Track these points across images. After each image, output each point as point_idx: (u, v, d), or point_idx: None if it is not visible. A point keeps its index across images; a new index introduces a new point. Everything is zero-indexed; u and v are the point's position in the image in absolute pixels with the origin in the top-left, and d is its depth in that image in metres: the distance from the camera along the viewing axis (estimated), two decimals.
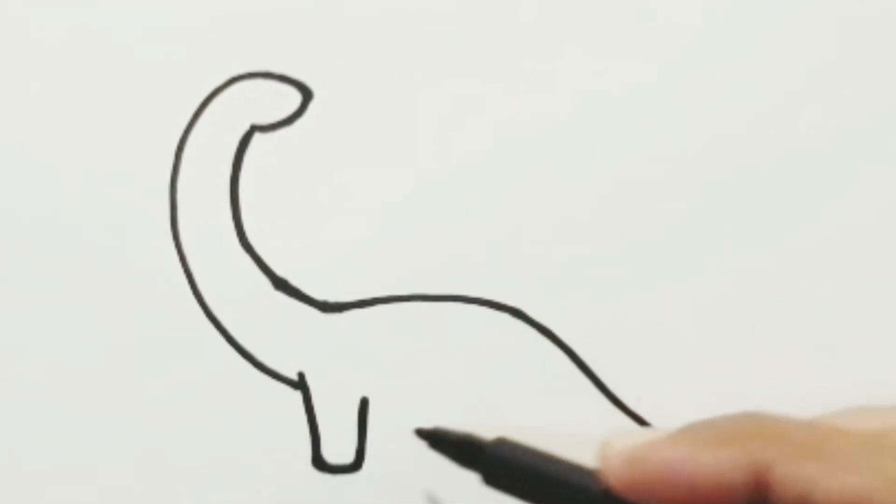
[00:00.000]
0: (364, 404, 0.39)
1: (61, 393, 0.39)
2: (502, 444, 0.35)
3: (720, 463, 0.29)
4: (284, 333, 0.39)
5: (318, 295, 0.39)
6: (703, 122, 0.40)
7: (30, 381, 0.39)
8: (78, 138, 0.39)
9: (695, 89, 0.40)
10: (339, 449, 0.39)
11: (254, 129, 0.39)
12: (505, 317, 0.40)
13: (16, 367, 0.39)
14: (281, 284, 0.39)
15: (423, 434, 0.38)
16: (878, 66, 0.41)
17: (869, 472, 0.28)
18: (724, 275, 0.40)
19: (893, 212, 0.40)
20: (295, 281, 0.39)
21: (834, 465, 0.28)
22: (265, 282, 0.39)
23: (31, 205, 0.39)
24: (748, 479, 0.29)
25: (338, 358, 0.39)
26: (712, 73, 0.40)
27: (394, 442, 0.39)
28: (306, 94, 0.40)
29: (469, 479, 0.39)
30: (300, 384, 0.39)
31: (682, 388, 0.40)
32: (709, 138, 0.40)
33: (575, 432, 0.39)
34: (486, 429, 0.38)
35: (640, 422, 0.39)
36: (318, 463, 0.39)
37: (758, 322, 0.40)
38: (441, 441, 0.37)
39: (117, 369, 0.39)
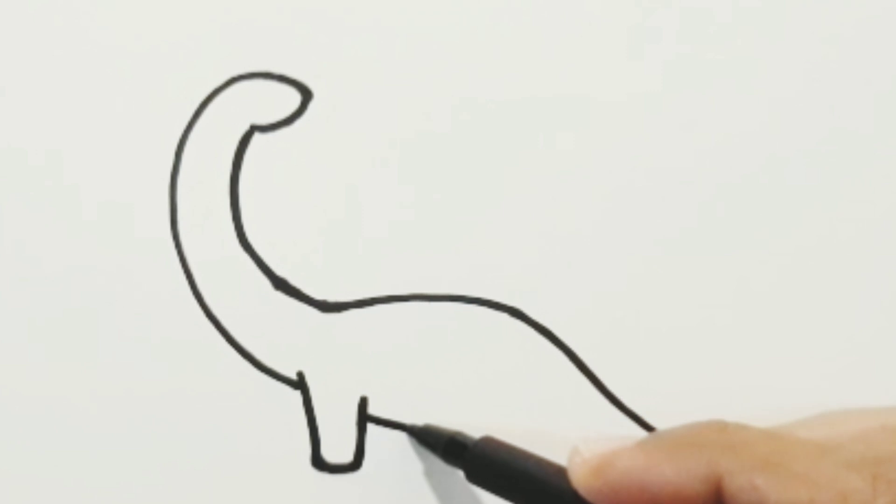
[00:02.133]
0: (363, 404, 0.39)
1: (61, 393, 0.39)
2: (485, 443, 0.36)
3: (680, 472, 0.29)
4: (284, 333, 0.39)
5: (318, 295, 0.39)
6: (705, 124, 0.40)
7: (30, 381, 0.39)
8: (78, 138, 0.39)
9: (697, 92, 0.40)
10: (338, 448, 0.39)
11: (254, 129, 0.39)
12: (504, 317, 0.40)
13: (15, 368, 0.39)
14: (281, 284, 0.39)
15: (412, 431, 0.38)
16: (878, 66, 0.41)
17: (818, 484, 0.28)
18: (724, 274, 0.40)
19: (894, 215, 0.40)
20: (295, 281, 0.39)
21: (786, 478, 0.28)
22: (265, 282, 0.39)
23: (31, 205, 0.39)
24: (706, 489, 0.29)
25: (337, 358, 0.39)
26: (715, 76, 0.40)
27: (393, 441, 0.39)
28: (306, 94, 0.40)
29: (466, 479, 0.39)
30: (300, 384, 0.39)
31: (681, 387, 0.40)
32: (710, 139, 0.40)
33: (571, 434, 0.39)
34: (489, 430, 0.38)
35: (639, 421, 0.39)
36: (318, 462, 0.39)
37: (757, 322, 0.40)
38: (429, 438, 0.38)
39: (117, 369, 0.39)
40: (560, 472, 0.33)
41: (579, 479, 0.31)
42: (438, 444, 0.38)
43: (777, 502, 0.28)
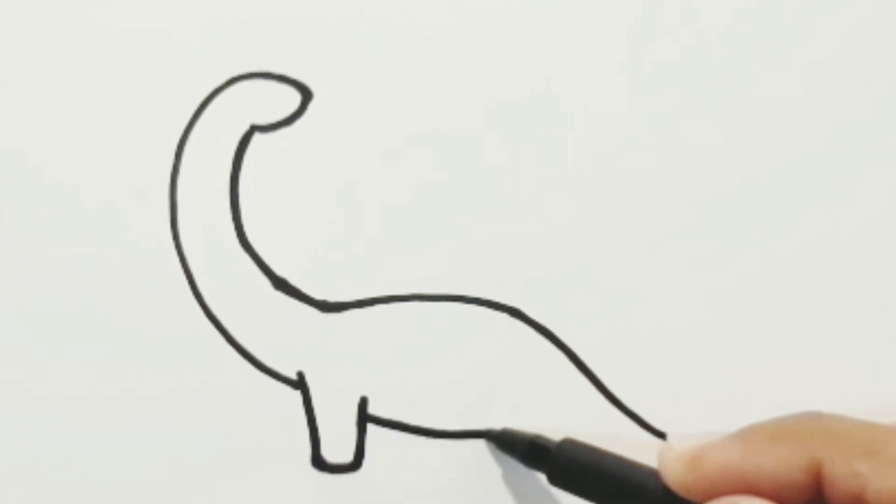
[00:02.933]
0: (363, 404, 0.39)
1: (61, 392, 0.39)
2: (568, 445, 0.36)
3: (778, 461, 0.29)
4: (284, 333, 0.39)
5: (318, 295, 0.39)
6: (705, 124, 0.40)
7: (30, 381, 0.39)
8: (78, 138, 0.39)
9: (697, 92, 0.40)
10: (338, 448, 0.39)
11: (254, 129, 0.39)
12: (504, 316, 0.40)
13: (15, 368, 0.39)
14: (281, 284, 0.39)
15: (491, 436, 0.38)
16: (878, 66, 0.41)
17: None
18: (723, 274, 0.40)
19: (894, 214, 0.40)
20: (295, 281, 0.39)
21: (888, 465, 0.28)
22: (265, 282, 0.39)
23: (31, 205, 0.39)
24: (806, 477, 0.29)
25: (337, 358, 0.39)
26: (715, 75, 0.40)
27: (393, 441, 0.39)
28: (306, 94, 0.40)
29: (469, 478, 0.39)
30: (300, 384, 0.39)
31: (681, 387, 0.40)
32: (710, 139, 0.40)
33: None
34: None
35: (639, 421, 0.39)
36: (318, 462, 0.39)
37: (757, 321, 0.40)
38: (509, 442, 0.38)
39: (117, 369, 0.39)
40: (647, 472, 0.33)
41: (673, 473, 0.31)
42: (519, 447, 0.38)
43: (879, 488, 0.28)
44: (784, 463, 0.29)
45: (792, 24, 0.41)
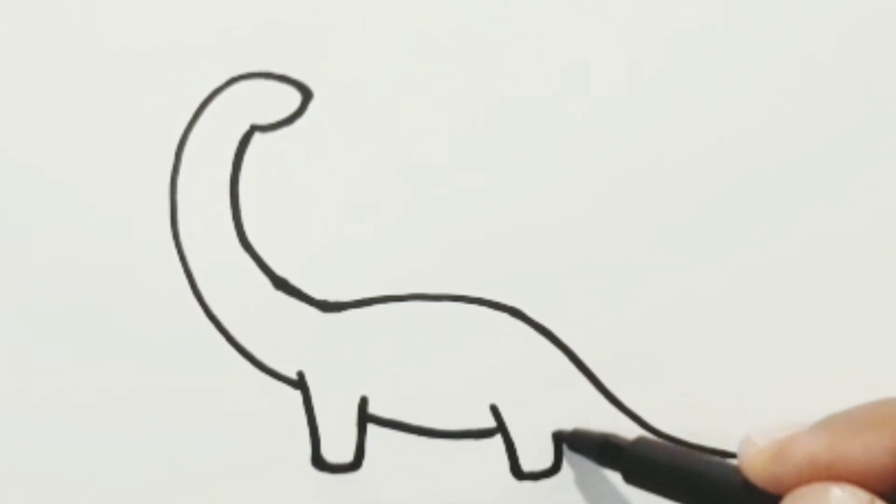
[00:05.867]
0: (363, 404, 0.39)
1: (60, 392, 0.39)
2: (641, 443, 0.36)
3: (867, 448, 0.29)
4: (284, 333, 0.39)
5: (318, 295, 0.39)
6: (703, 123, 0.40)
7: (30, 381, 0.39)
8: (78, 138, 0.39)
9: (696, 90, 0.40)
10: (338, 448, 0.39)
11: (254, 129, 0.39)
12: (504, 316, 0.40)
13: (16, 368, 0.39)
14: (281, 284, 0.39)
15: (562, 437, 0.38)
16: (878, 66, 0.41)
17: None
18: (723, 274, 0.40)
19: (894, 213, 0.41)
20: (295, 281, 0.39)
21: None
22: (265, 282, 0.39)
23: (31, 205, 0.39)
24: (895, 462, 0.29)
25: (337, 357, 0.39)
26: (714, 74, 0.40)
27: (393, 441, 0.39)
28: (306, 94, 0.40)
29: (469, 478, 0.39)
30: (300, 383, 0.39)
31: (681, 387, 0.40)
32: (707, 138, 0.40)
33: None
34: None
35: (639, 421, 0.40)
36: (318, 462, 0.39)
37: (758, 321, 0.40)
38: (581, 443, 0.38)
39: (117, 369, 0.39)
40: (724, 466, 0.33)
41: (756, 468, 0.30)
42: (592, 447, 0.38)
43: None
44: (872, 449, 0.29)
45: (791, 23, 0.41)
